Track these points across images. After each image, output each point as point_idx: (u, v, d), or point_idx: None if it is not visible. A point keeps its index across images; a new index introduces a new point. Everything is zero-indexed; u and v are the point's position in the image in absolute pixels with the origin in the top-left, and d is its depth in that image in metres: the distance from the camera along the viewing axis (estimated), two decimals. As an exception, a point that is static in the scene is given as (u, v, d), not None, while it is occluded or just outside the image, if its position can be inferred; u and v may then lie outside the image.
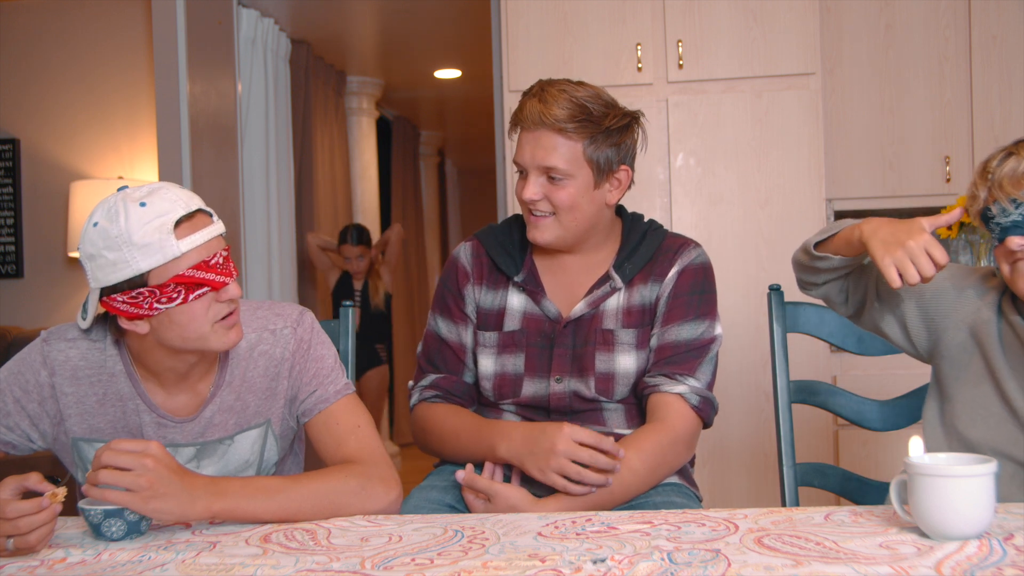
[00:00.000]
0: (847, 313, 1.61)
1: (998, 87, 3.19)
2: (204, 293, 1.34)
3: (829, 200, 3.23)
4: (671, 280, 1.67)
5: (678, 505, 1.58)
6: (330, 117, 5.40)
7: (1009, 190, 1.38)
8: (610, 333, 1.66)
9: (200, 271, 1.33)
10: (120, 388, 1.45)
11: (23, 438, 1.47)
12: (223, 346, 1.39)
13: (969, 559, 1.05)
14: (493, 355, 1.71)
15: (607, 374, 1.65)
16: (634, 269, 1.69)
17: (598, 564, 1.08)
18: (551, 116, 1.60)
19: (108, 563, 1.17)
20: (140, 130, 3.92)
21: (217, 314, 1.37)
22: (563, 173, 1.62)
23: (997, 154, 1.42)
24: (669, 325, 1.66)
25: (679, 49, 2.98)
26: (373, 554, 1.16)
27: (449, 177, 8.86)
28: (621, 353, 1.66)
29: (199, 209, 1.36)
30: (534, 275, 1.72)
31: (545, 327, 1.69)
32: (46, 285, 3.99)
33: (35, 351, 1.46)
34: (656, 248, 1.71)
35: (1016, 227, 1.38)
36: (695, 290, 1.68)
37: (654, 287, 1.68)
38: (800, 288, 1.64)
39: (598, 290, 1.68)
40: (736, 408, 2.95)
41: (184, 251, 1.31)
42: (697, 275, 1.69)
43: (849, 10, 3.23)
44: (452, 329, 1.76)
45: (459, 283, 1.76)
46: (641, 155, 1.76)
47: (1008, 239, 1.38)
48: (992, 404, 1.47)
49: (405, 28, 4.89)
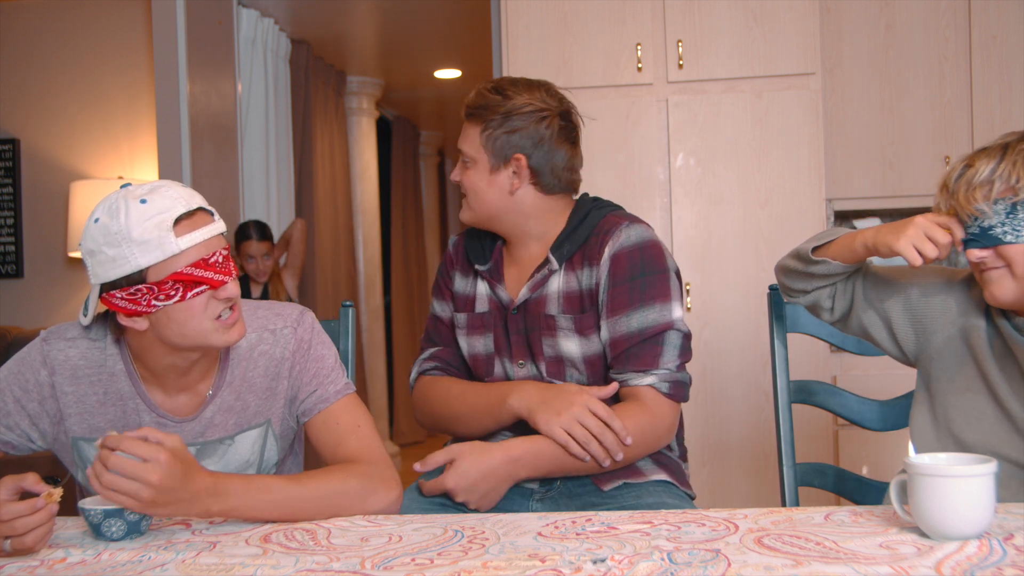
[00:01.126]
0: (832, 319, 1.60)
1: (998, 87, 3.19)
2: (202, 291, 1.34)
3: (829, 200, 3.23)
4: (605, 266, 1.64)
5: (669, 506, 1.58)
6: (330, 117, 5.40)
7: (963, 203, 1.38)
8: (552, 318, 1.68)
9: (199, 269, 1.33)
10: (120, 387, 1.45)
11: (23, 438, 1.46)
12: (225, 343, 1.38)
13: (969, 559, 1.05)
14: (465, 335, 1.78)
15: (555, 358, 1.69)
16: (571, 249, 1.68)
17: (598, 564, 1.08)
18: (465, 104, 1.73)
19: (108, 563, 1.17)
20: (140, 130, 3.92)
21: (215, 312, 1.36)
22: (468, 157, 1.72)
23: (957, 165, 1.41)
24: (615, 317, 1.63)
25: (679, 49, 2.98)
26: (373, 554, 1.16)
27: (449, 177, 8.86)
28: (563, 338, 1.67)
29: (199, 207, 1.36)
30: (497, 265, 1.78)
31: (501, 313, 1.74)
32: (46, 285, 3.99)
33: (35, 351, 1.46)
34: (592, 228, 1.69)
35: (974, 240, 1.38)
36: (634, 274, 1.63)
37: (590, 272, 1.66)
38: (785, 295, 1.63)
39: (538, 274, 1.70)
40: (736, 408, 2.95)
41: (183, 249, 1.31)
42: (632, 258, 1.63)
43: (849, 10, 3.23)
44: (444, 307, 1.84)
45: (447, 267, 1.86)
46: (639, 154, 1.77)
47: (967, 252, 1.39)
48: (986, 407, 1.46)
49: (405, 28, 4.89)
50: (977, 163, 1.38)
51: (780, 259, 1.62)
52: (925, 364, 1.54)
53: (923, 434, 1.52)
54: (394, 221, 6.89)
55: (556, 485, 1.66)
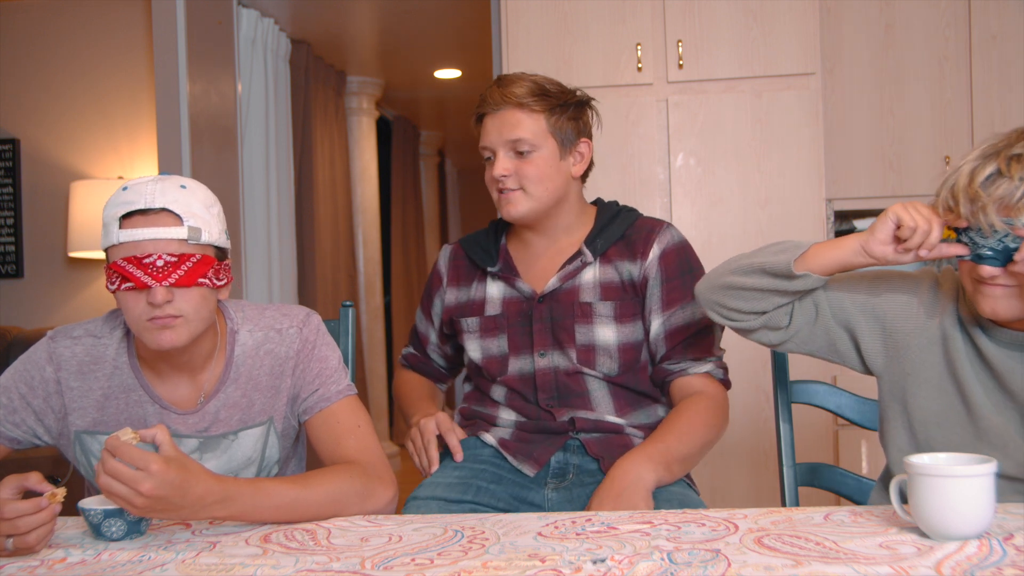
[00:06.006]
0: (781, 339, 1.50)
1: (998, 87, 3.19)
2: (129, 288, 1.36)
3: (829, 200, 3.23)
4: (654, 262, 1.74)
5: (676, 493, 1.62)
6: (330, 117, 5.40)
7: (993, 218, 1.26)
8: (588, 305, 1.73)
9: (130, 264, 1.35)
10: (124, 380, 1.49)
11: (28, 434, 1.50)
12: (153, 345, 1.39)
13: (969, 559, 1.05)
14: (477, 339, 1.81)
15: (587, 345, 1.73)
16: (605, 244, 1.76)
17: (598, 564, 1.08)
18: (512, 95, 1.72)
19: (108, 563, 1.18)
20: (140, 130, 3.92)
21: (146, 312, 1.37)
22: (530, 144, 1.72)
23: (982, 166, 1.29)
24: (672, 309, 1.73)
25: (679, 49, 2.98)
26: (373, 554, 1.16)
27: (449, 177, 8.85)
28: (600, 325, 1.72)
29: (164, 208, 1.36)
30: (509, 263, 1.82)
31: (523, 306, 1.77)
32: (46, 285, 3.99)
33: (41, 349, 1.51)
34: (629, 226, 1.79)
35: (994, 257, 1.28)
36: (684, 270, 1.76)
37: (634, 265, 1.75)
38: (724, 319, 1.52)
39: (569, 265, 1.75)
40: (736, 408, 2.94)
41: (122, 241, 1.36)
42: (680, 255, 1.77)
43: (849, 10, 3.23)
44: (423, 322, 1.98)
45: (432, 288, 1.92)
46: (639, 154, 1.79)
47: (981, 267, 1.30)
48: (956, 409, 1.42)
49: (405, 28, 4.89)
50: (1014, 173, 1.25)
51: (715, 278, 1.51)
52: (897, 379, 1.47)
53: (902, 454, 1.47)
54: (394, 221, 6.89)
55: (569, 477, 1.70)
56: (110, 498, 1.21)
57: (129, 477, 1.19)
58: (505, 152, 1.73)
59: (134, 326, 1.40)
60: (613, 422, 1.73)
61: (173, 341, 1.39)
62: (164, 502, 1.21)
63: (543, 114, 1.72)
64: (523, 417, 1.76)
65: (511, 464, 1.72)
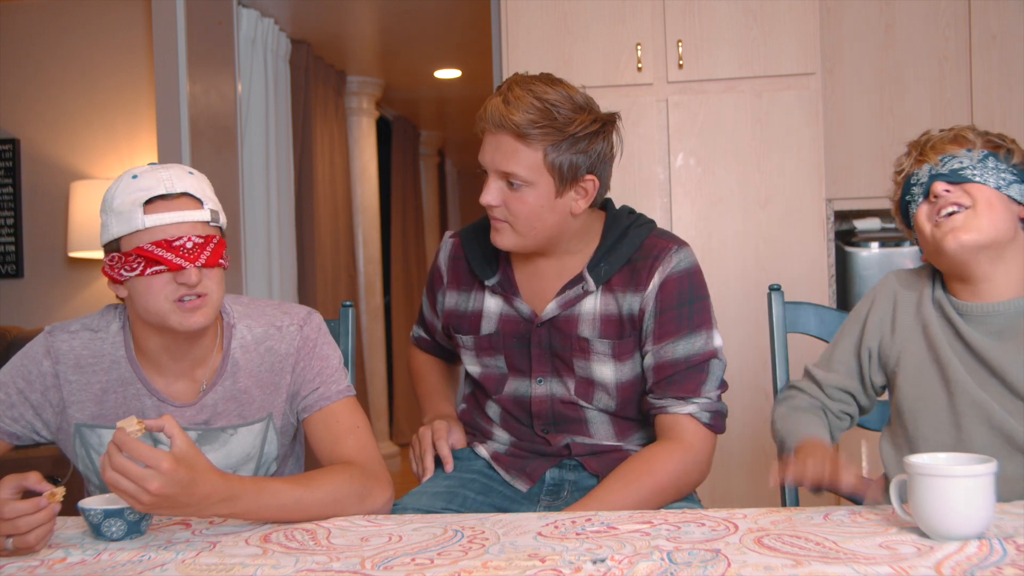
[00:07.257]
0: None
1: (998, 87, 3.19)
2: (161, 271, 1.38)
3: (829, 200, 3.23)
4: (653, 292, 1.59)
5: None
6: (330, 117, 5.40)
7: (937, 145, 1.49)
8: (586, 342, 1.62)
9: (160, 248, 1.37)
10: (122, 373, 1.49)
11: (27, 429, 1.50)
12: (182, 326, 1.41)
13: (969, 559, 1.05)
14: (473, 356, 1.73)
15: (586, 379, 1.64)
16: (610, 270, 1.61)
17: (598, 564, 1.08)
18: (511, 121, 1.51)
19: (108, 563, 1.18)
20: (140, 130, 3.92)
21: (175, 294, 1.39)
22: (522, 180, 1.53)
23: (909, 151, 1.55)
24: (663, 343, 1.59)
25: (679, 49, 2.98)
26: (373, 554, 1.16)
27: (449, 177, 8.85)
28: (597, 363, 1.62)
29: (184, 193, 1.41)
30: (509, 277, 1.68)
31: (520, 327, 1.66)
32: (46, 285, 3.99)
33: (38, 343, 1.51)
34: (636, 249, 1.62)
35: (942, 176, 1.45)
36: (683, 301, 1.59)
37: (634, 297, 1.60)
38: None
39: (570, 291, 1.62)
40: (736, 408, 2.95)
41: (148, 226, 1.38)
42: (682, 284, 1.59)
43: (849, 10, 3.22)
44: (429, 312, 1.87)
45: (433, 282, 1.81)
46: (639, 154, 1.76)
47: (933, 184, 1.46)
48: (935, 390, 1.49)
49: (405, 28, 4.89)
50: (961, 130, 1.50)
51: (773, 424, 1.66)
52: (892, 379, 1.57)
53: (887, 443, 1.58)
54: (394, 221, 6.89)
55: (563, 495, 1.66)
56: (115, 493, 1.20)
57: (137, 475, 1.18)
58: (495, 180, 1.56)
59: (158, 309, 1.40)
60: (612, 445, 1.67)
61: (201, 321, 1.42)
62: (170, 500, 1.21)
63: (543, 148, 1.52)
64: (517, 438, 1.71)
65: (502, 477, 1.69)
